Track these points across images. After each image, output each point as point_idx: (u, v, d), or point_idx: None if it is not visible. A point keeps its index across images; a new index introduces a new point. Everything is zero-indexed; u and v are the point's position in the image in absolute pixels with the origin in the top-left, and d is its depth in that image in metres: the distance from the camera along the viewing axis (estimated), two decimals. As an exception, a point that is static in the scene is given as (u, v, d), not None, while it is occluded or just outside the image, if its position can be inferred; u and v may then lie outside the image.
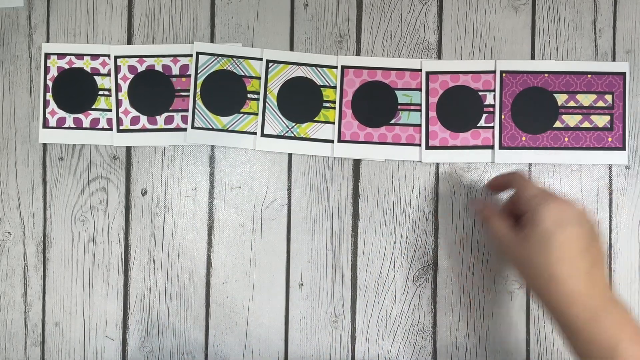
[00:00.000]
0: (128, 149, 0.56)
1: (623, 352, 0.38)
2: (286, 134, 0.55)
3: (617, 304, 0.40)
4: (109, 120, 0.56)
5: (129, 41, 0.56)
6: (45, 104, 0.56)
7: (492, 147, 0.54)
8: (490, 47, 0.55)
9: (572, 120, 0.54)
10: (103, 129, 0.56)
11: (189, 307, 0.55)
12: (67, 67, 0.56)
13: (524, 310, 0.54)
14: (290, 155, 0.55)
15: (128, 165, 0.56)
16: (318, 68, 0.55)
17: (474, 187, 0.55)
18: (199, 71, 0.55)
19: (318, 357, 0.55)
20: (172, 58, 0.56)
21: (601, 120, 0.54)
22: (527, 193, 0.44)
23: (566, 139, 0.54)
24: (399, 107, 0.55)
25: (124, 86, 0.56)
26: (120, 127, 0.56)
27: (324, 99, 0.55)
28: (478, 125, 0.54)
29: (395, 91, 0.55)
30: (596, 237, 0.42)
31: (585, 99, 0.54)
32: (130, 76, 0.56)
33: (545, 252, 0.41)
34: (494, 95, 0.54)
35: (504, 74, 0.54)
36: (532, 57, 0.55)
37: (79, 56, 0.56)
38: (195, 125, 0.55)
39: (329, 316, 0.55)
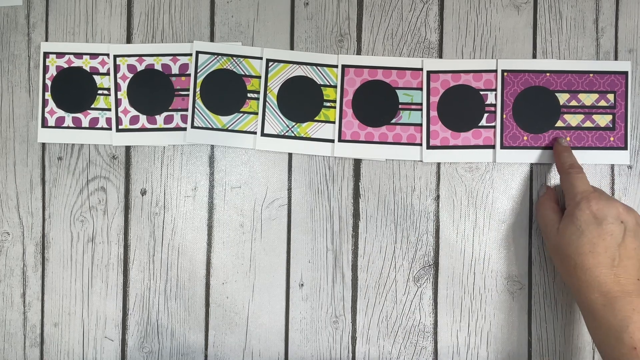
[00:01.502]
0: (127, 148, 0.56)
1: (631, 334, 0.42)
2: (286, 134, 0.55)
3: (639, 297, 0.44)
4: (108, 120, 0.56)
5: (128, 40, 0.56)
6: (44, 103, 0.56)
7: (493, 147, 0.54)
8: (492, 46, 0.55)
9: (574, 119, 0.54)
10: (102, 128, 0.56)
11: (188, 307, 0.55)
12: (66, 66, 0.56)
13: (526, 311, 0.54)
14: (290, 154, 0.55)
15: (127, 165, 0.56)
16: (318, 67, 0.55)
17: (476, 186, 0.54)
18: (198, 70, 0.55)
19: (318, 357, 0.55)
20: (171, 57, 0.55)
21: (603, 120, 0.54)
22: (575, 190, 0.48)
23: (568, 139, 0.54)
24: (400, 106, 0.55)
25: (123, 85, 0.55)
26: (120, 127, 0.55)
27: (325, 98, 0.55)
28: (479, 124, 0.54)
29: (396, 90, 0.55)
30: (635, 236, 0.46)
31: (587, 99, 0.54)
32: (130, 75, 0.55)
33: (576, 245, 0.46)
34: (496, 95, 0.54)
35: (505, 73, 0.54)
36: (534, 56, 0.55)
37: (78, 55, 0.56)
38: (195, 124, 0.55)
39: (329, 317, 0.55)
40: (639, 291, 0.44)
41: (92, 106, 0.56)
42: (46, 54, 0.56)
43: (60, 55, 0.56)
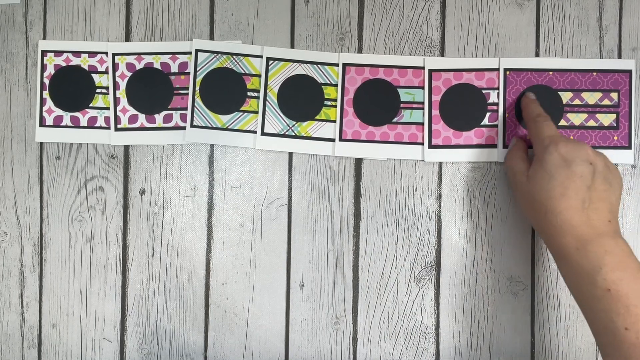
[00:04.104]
0: (126, 147, 0.55)
1: (604, 275, 0.41)
2: (287, 133, 0.54)
3: (611, 238, 0.43)
4: (107, 119, 0.55)
5: (127, 38, 0.55)
6: (42, 102, 0.55)
7: (496, 146, 0.53)
8: (494, 44, 0.54)
9: (577, 118, 0.53)
10: (101, 127, 0.55)
11: (188, 308, 0.55)
12: (64, 64, 0.55)
13: (529, 312, 0.54)
14: (290, 154, 0.55)
15: (126, 164, 0.55)
16: (319, 66, 0.54)
17: (478, 186, 0.54)
18: (198, 69, 0.54)
19: (319, 359, 0.54)
20: (170, 55, 0.55)
21: (607, 119, 0.53)
22: (542, 135, 0.47)
23: (571, 138, 0.53)
24: (402, 105, 0.54)
25: (122, 84, 0.55)
26: (118, 126, 0.55)
27: (325, 97, 0.54)
28: (482, 123, 0.54)
29: (398, 89, 0.54)
30: (605, 178, 0.45)
31: (591, 97, 0.53)
32: (128, 74, 0.55)
33: (547, 189, 0.45)
34: (498, 94, 0.54)
35: (507, 72, 0.54)
36: (537, 55, 0.54)
37: (76, 54, 0.55)
38: (195, 123, 0.54)
39: (330, 318, 0.54)
40: (611, 233, 0.43)
41: (91, 105, 0.55)
42: (44, 53, 0.55)
43: (58, 53, 0.55)
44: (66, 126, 0.55)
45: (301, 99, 0.54)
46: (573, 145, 0.45)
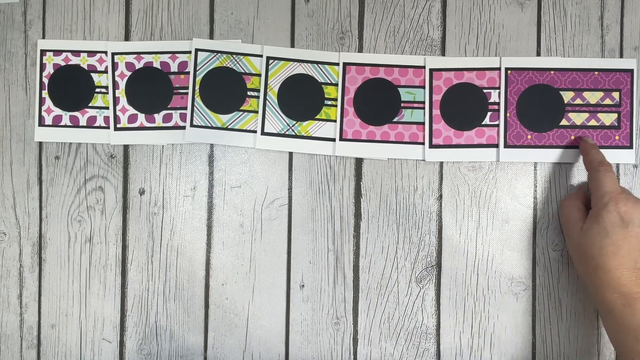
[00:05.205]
0: (126, 147, 0.55)
1: None
2: (287, 132, 0.54)
3: None
4: (106, 119, 0.55)
5: (127, 37, 0.55)
6: (41, 101, 0.55)
7: (497, 146, 0.53)
8: (495, 43, 0.54)
9: (578, 118, 0.53)
10: (100, 127, 0.55)
11: (187, 308, 0.54)
12: (63, 64, 0.55)
13: (530, 312, 0.53)
14: (291, 153, 0.54)
15: (126, 164, 0.55)
16: (319, 65, 0.54)
17: (479, 186, 0.54)
18: (198, 68, 0.54)
19: (319, 359, 0.54)
20: (170, 55, 0.55)
21: (608, 119, 0.53)
22: (603, 189, 0.47)
23: (572, 138, 0.53)
24: (402, 104, 0.54)
25: (122, 83, 0.55)
26: (118, 125, 0.55)
27: (326, 96, 0.54)
28: (483, 123, 0.53)
29: (398, 88, 0.54)
30: None
31: (592, 97, 0.53)
32: (128, 73, 0.55)
33: (599, 246, 0.46)
34: (499, 93, 0.53)
35: (509, 71, 0.53)
36: (538, 54, 0.54)
37: (76, 53, 0.55)
38: (194, 123, 0.54)
39: (330, 318, 0.54)
40: None
41: (90, 104, 0.55)
42: (43, 52, 0.55)
43: (57, 52, 0.55)
44: (65, 126, 0.55)
45: (301, 98, 0.54)
46: (633, 205, 0.46)
